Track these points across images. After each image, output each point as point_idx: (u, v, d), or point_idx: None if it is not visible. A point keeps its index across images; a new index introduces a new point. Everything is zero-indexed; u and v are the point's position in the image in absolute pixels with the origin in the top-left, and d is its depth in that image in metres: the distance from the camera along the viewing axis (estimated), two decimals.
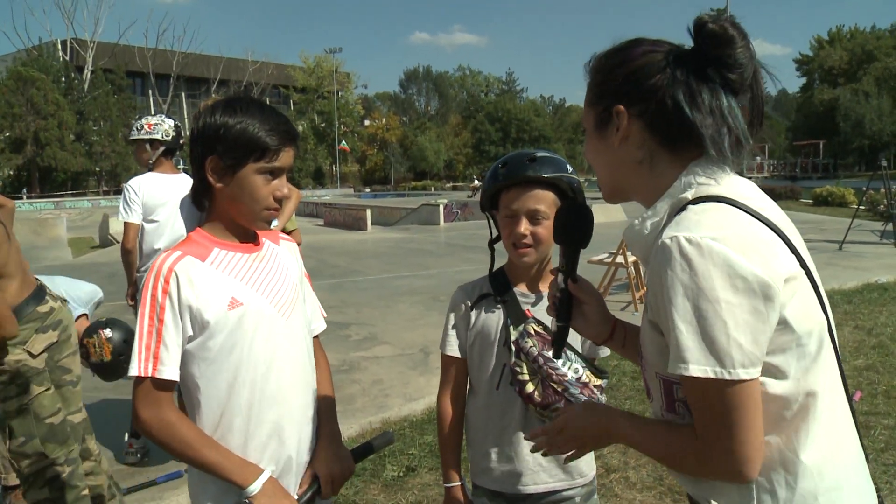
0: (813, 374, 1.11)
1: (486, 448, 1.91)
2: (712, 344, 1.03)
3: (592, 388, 1.79)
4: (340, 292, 9.80)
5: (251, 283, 1.65)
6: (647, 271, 1.15)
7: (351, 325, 7.65)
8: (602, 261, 8.18)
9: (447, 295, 8.93)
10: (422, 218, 23.56)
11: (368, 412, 4.87)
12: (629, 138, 1.21)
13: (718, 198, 1.13)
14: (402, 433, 4.51)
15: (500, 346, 1.86)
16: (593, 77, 1.28)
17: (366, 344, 6.80)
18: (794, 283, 1.08)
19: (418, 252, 14.99)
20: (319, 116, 72.54)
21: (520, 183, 1.78)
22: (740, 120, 1.15)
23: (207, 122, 1.59)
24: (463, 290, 1.98)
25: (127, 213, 4.17)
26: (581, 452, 1.37)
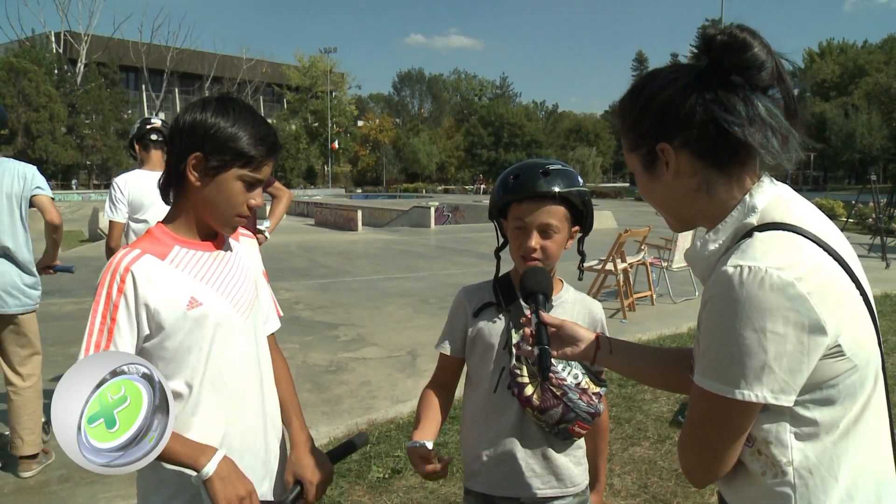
0: (860, 402, 1.13)
1: (479, 451, 1.91)
2: (743, 367, 1.05)
3: (591, 395, 1.79)
4: (330, 292, 9.77)
5: (211, 282, 1.63)
6: (704, 291, 1.16)
7: (339, 325, 7.63)
8: (591, 267, 8.19)
9: (437, 297, 9.00)
10: (413, 220, 23.52)
11: (355, 413, 4.86)
12: (681, 171, 1.20)
13: (784, 225, 1.13)
14: (388, 435, 4.50)
15: (501, 349, 1.86)
16: (625, 122, 1.27)
17: (354, 345, 6.79)
18: (851, 314, 1.10)
19: (408, 254, 14.95)
20: (312, 116, 72.43)
21: (531, 196, 1.77)
22: (780, 117, 1.14)
23: (198, 119, 1.58)
24: (466, 293, 1.98)
25: (112, 212, 4.14)
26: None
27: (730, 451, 1.14)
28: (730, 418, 1.11)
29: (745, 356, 1.05)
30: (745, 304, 1.05)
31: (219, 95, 1.65)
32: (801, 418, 1.12)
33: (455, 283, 9.94)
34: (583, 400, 1.76)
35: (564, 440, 1.86)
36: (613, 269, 7.86)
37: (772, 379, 1.05)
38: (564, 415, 1.76)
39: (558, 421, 1.77)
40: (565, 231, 1.81)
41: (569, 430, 1.79)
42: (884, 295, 9.08)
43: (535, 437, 1.86)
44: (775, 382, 1.05)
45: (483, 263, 12.41)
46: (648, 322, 7.62)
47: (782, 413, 1.11)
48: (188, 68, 68.07)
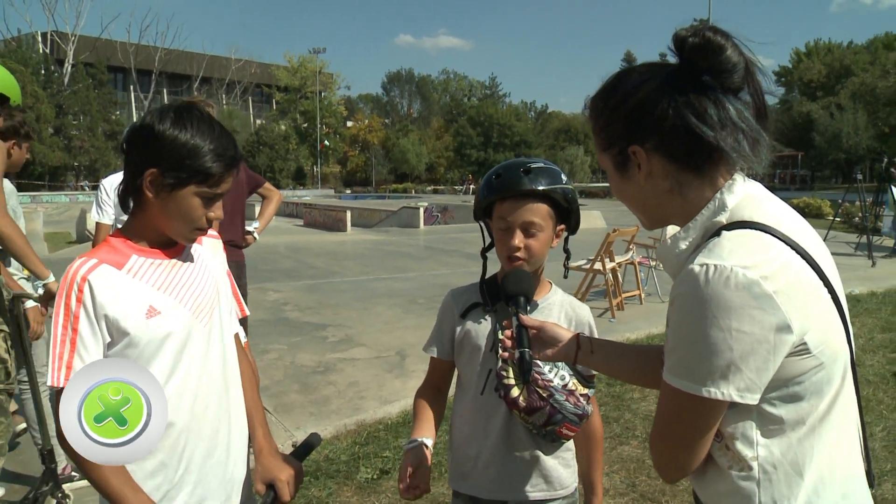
0: (827, 399, 1.13)
1: (467, 453, 1.90)
2: (709, 365, 1.06)
3: (579, 396, 1.78)
4: (318, 293, 9.75)
5: (170, 290, 1.61)
6: (672, 289, 1.17)
7: (328, 326, 7.62)
8: (580, 267, 8.21)
9: (425, 298, 9.00)
10: (401, 220, 23.51)
11: (343, 414, 4.84)
12: (653, 173, 1.20)
13: (753, 224, 1.13)
14: (376, 436, 4.49)
15: (488, 351, 1.85)
16: (596, 122, 1.27)
17: (342, 346, 6.77)
18: (818, 312, 1.11)
19: (397, 255, 14.95)
20: (302, 116, 72.28)
21: (514, 195, 1.77)
22: (751, 120, 1.15)
23: (155, 132, 1.52)
24: (453, 295, 1.97)
25: (99, 214, 4.12)
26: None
27: (698, 446, 1.15)
28: (697, 415, 1.12)
29: (712, 354, 1.06)
30: (712, 303, 1.05)
31: (176, 106, 1.59)
32: (767, 415, 1.13)
33: (444, 284, 9.94)
34: (570, 401, 1.75)
35: (552, 442, 1.85)
36: (602, 269, 7.89)
37: (738, 377, 1.06)
38: (551, 416, 1.75)
39: (545, 423, 1.76)
40: (550, 229, 1.80)
41: (556, 432, 1.78)
42: (870, 293, 9.15)
43: (523, 439, 1.85)
44: (741, 381, 1.06)
45: (472, 264, 12.40)
46: (637, 321, 7.64)
47: (749, 410, 1.12)
48: (177, 69, 67.79)
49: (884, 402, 5.07)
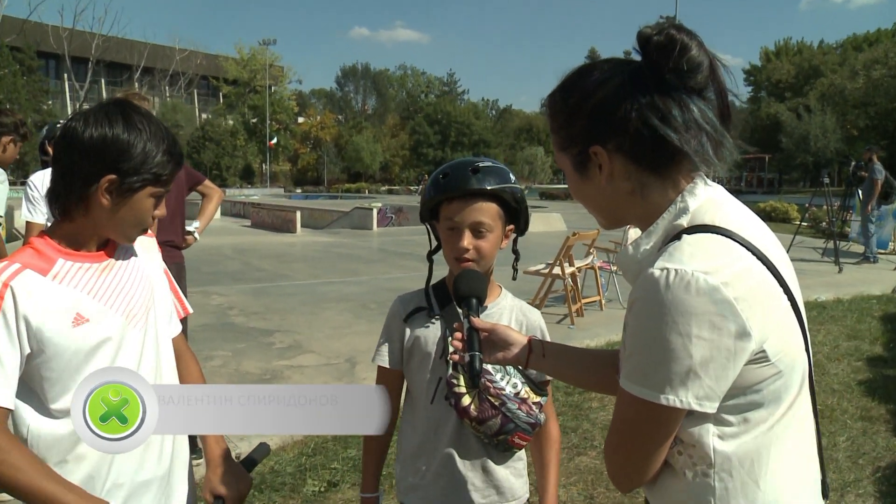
0: (784, 407, 1.16)
1: (416, 464, 1.90)
2: (668, 372, 1.07)
3: (531, 404, 1.80)
4: (265, 297, 9.67)
5: (100, 295, 1.58)
6: (630, 293, 1.17)
7: (275, 332, 7.55)
8: (538, 272, 8.26)
9: (377, 303, 8.98)
10: (354, 222, 23.38)
11: None
12: (614, 174, 1.21)
13: (714, 228, 1.15)
14: (324, 447, 4.46)
15: (437, 358, 1.86)
16: (555, 121, 1.28)
17: (290, 352, 6.71)
18: (777, 320, 1.13)
19: (349, 257, 14.90)
20: (251, 111, 71.43)
21: (462, 195, 1.77)
22: (715, 121, 1.17)
23: (108, 136, 1.49)
24: (401, 301, 1.97)
25: (30, 212, 4.02)
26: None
27: (655, 455, 1.17)
28: (654, 423, 1.13)
29: (671, 361, 1.07)
30: (671, 308, 1.06)
31: (116, 104, 1.57)
32: (724, 422, 1.14)
33: (397, 288, 9.90)
34: (522, 410, 1.77)
35: (504, 452, 1.87)
36: (561, 274, 7.94)
37: (697, 384, 1.07)
38: (503, 426, 1.76)
39: (497, 432, 1.77)
40: (499, 230, 1.82)
41: (508, 441, 1.79)
42: (836, 300, 9.34)
43: (475, 449, 1.86)
44: (700, 388, 1.08)
45: (426, 267, 12.19)
46: (597, 328, 7.73)
47: (706, 416, 1.14)
48: (116, 57, 66.12)
49: (848, 412, 5.17)
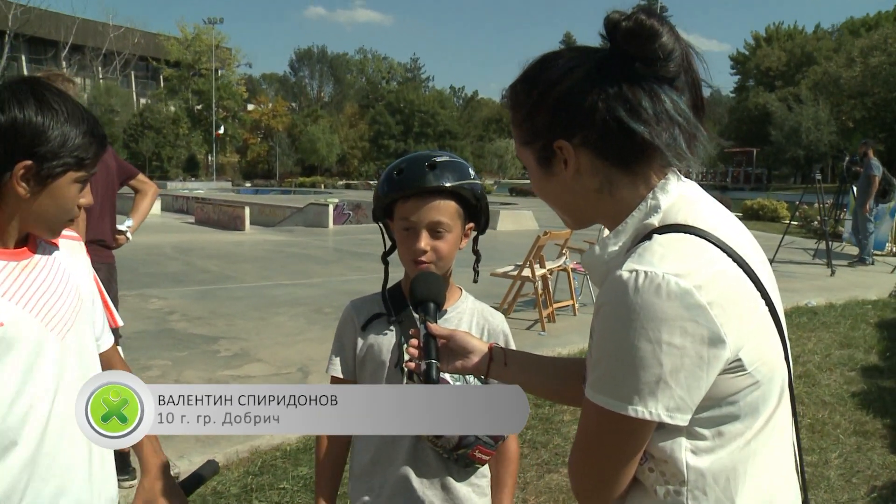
0: (761, 420, 1.17)
1: (370, 483, 1.90)
2: (636, 381, 1.07)
3: None
4: (209, 301, 9.57)
5: (16, 298, 1.54)
6: (597, 297, 1.18)
7: (220, 339, 7.48)
8: (506, 274, 8.29)
9: (332, 307, 8.94)
10: (308, 219, 23.28)
11: (235, 440, 4.74)
12: (581, 170, 1.22)
13: (687, 227, 1.15)
14: (272, 464, 4.43)
15: (393, 367, 1.86)
16: (517, 113, 1.28)
17: (236, 361, 6.65)
18: (754, 327, 1.14)
19: (302, 257, 14.82)
20: (195, 97, 70.68)
21: (418, 193, 1.78)
22: (688, 113, 1.17)
23: (20, 119, 1.47)
24: (354, 306, 1.97)
25: None
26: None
27: (623, 471, 1.17)
28: (622, 436, 1.13)
29: (640, 369, 1.07)
30: (640, 313, 1.07)
31: (23, 83, 1.55)
32: (697, 435, 1.15)
33: (354, 291, 9.87)
34: None
35: (465, 467, 1.87)
36: (531, 276, 7.99)
37: (667, 395, 1.08)
38: (463, 439, 1.77)
39: (456, 446, 1.78)
40: (458, 229, 1.83)
41: (469, 455, 1.80)
42: (828, 305, 9.46)
43: (433, 464, 1.86)
44: (671, 399, 1.08)
45: (389, 270, 12.18)
46: (569, 335, 7.79)
47: (678, 430, 1.14)
48: (39, 32, 64.26)
49: (840, 426, 5.20)
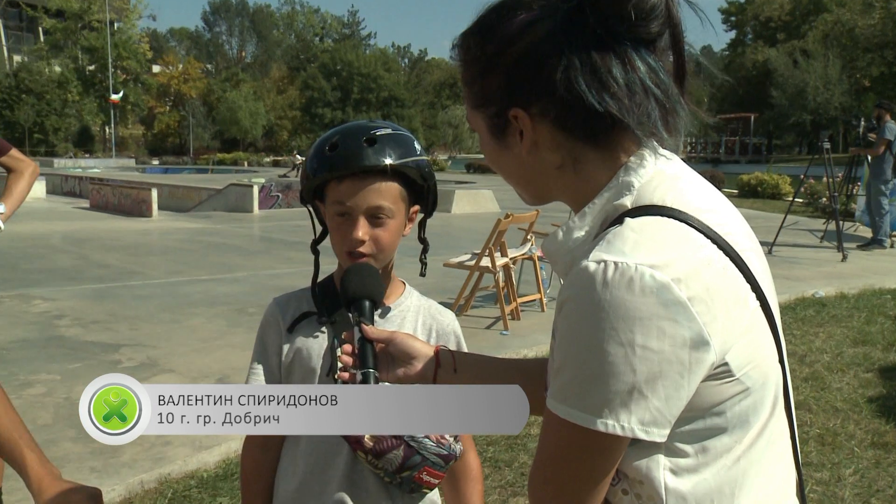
0: (753, 433, 1.17)
1: None
2: (606, 390, 1.06)
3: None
4: (109, 301, 9.48)
5: None
6: (560, 291, 1.17)
7: (122, 346, 7.40)
8: (462, 264, 8.26)
9: (258, 306, 8.90)
10: (229, 202, 23.21)
11: (140, 467, 4.70)
12: (539, 143, 1.21)
13: (665, 209, 1.14)
14: (186, 495, 4.40)
15: (324, 375, 1.86)
16: (468, 71, 1.27)
17: (142, 372, 6.57)
18: (745, 325, 1.13)
19: (222, 248, 14.77)
20: (86, 55, 69.44)
21: (354, 172, 1.76)
22: (667, 83, 1.16)
23: None
24: (279, 304, 1.97)
25: None
26: None
27: (592, 493, 1.16)
28: (591, 453, 1.12)
29: (610, 377, 1.06)
30: (610, 311, 1.05)
31: None
32: (678, 452, 1.15)
33: (284, 287, 9.76)
34: (431, 438, 1.77)
35: (411, 493, 1.87)
36: (491, 266, 7.97)
37: (642, 406, 1.07)
38: (407, 459, 1.76)
39: (400, 468, 1.77)
40: (401, 214, 1.83)
41: (415, 479, 1.79)
42: (839, 295, 9.63)
43: (373, 490, 1.85)
44: (646, 411, 1.07)
45: (322, 261, 12.09)
46: (536, 333, 7.82)
47: (655, 446, 1.14)
48: None
49: (856, 437, 5.23)
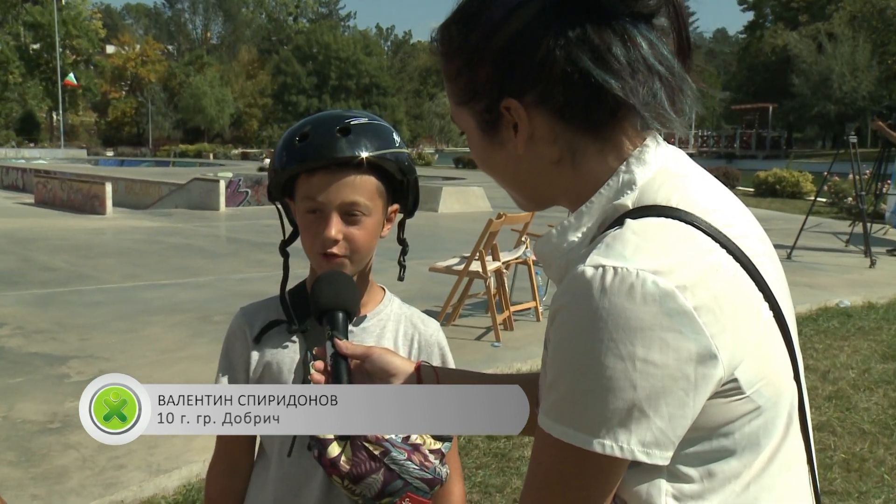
0: (764, 456, 1.17)
1: None
2: (604, 408, 1.06)
3: (427, 453, 1.79)
4: (56, 308, 9.48)
5: None
6: (553, 299, 1.17)
7: (70, 358, 7.38)
8: (450, 268, 8.27)
9: (225, 314, 8.92)
10: (193, 199, 23.33)
11: (89, 494, 4.68)
12: (535, 137, 1.21)
13: (668, 210, 1.15)
14: None
15: None
16: (450, 63, 1.28)
17: None
18: (756, 338, 1.13)
19: (185, 249, 14.81)
20: (29, 32, 69.31)
21: (327, 165, 1.77)
22: (671, 60, 1.17)
23: None
24: (245, 314, 1.97)
25: None
26: None
27: None
28: (587, 477, 1.12)
29: (608, 393, 1.06)
30: (608, 321, 1.06)
31: None
32: (681, 477, 1.15)
33: (253, 293, 9.82)
34: (413, 461, 1.76)
35: None
36: (481, 271, 7.99)
37: (643, 426, 1.07)
38: (388, 483, 1.75)
39: (379, 493, 1.76)
40: (379, 212, 1.83)
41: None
42: (867, 305, 9.70)
43: None
44: (648, 431, 1.07)
45: (295, 264, 12.06)
46: (531, 346, 7.84)
47: (657, 469, 1.14)
48: None
49: (886, 462, 5.23)
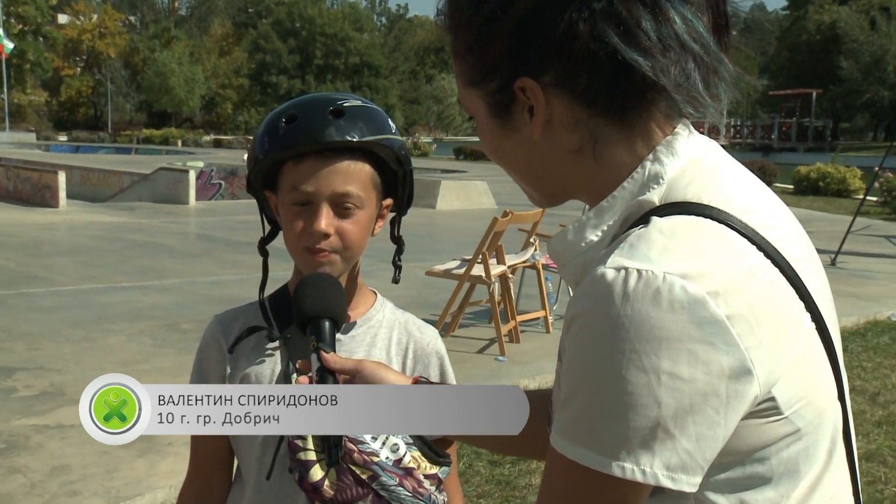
0: (806, 484, 1.17)
1: None
2: (624, 427, 1.06)
3: (421, 478, 1.80)
4: (1, 315, 9.50)
5: None
6: (569, 304, 1.17)
7: (17, 371, 7.40)
8: (449, 272, 8.27)
9: (195, 321, 8.95)
10: (159, 191, 23.26)
11: None
12: (553, 122, 1.21)
13: (699, 207, 1.15)
14: None
15: None
16: (459, 39, 1.28)
17: (43, 404, 6.57)
18: (796, 352, 1.13)
19: (149, 248, 14.79)
20: None
21: (317, 150, 1.77)
22: (706, 38, 1.16)
23: None
24: (220, 323, 1.98)
25: None
26: None
27: None
28: (604, 503, 1.12)
29: (629, 410, 1.06)
30: (631, 330, 1.05)
31: None
32: None
33: (228, 298, 9.81)
34: (406, 486, 1.78)
35: None
36: (485, 276, 7.99)
37: (668, 447, 1.07)
38: None
39: None
40: (372, 205, 1.84)
41: None
42: None
43: None
44: (673, 453, 1.07)
45: (275, 265, 11.93)
46: (539, 360, 7.84)
47: (683, 497, 1.14)
48: None
49: None
